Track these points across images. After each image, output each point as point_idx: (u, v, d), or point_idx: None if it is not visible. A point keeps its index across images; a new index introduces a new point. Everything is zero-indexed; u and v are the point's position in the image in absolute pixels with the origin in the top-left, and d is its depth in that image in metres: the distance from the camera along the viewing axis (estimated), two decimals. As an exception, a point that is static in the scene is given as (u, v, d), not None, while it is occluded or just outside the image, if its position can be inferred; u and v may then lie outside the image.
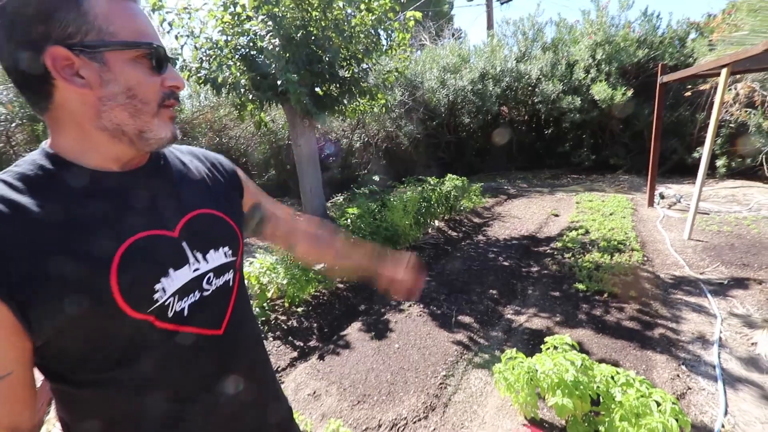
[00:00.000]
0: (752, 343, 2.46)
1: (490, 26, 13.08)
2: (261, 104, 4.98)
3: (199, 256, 0.66)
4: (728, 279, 3.37)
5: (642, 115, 8.39)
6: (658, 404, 1.58)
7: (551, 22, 10.33)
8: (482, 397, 2.15)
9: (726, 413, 1.92)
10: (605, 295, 3.18)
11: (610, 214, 5.51)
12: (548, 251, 4.42)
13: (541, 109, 9.56)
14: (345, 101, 5.18)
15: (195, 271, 0.65)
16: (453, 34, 13.62)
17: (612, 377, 1.71)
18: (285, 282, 3.15)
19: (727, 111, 7.54)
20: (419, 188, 5.68)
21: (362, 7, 4.52)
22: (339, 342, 2.79)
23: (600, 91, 8.26)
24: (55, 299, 0.51)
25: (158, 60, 0.59)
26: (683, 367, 2.27)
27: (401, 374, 2.37)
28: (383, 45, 5.07)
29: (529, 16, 10.06)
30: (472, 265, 4.13)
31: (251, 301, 2.65)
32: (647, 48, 8.59)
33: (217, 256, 0.69)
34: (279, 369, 2.53)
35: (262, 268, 3.21)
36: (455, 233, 5.41)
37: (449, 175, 6.24)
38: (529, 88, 9.69)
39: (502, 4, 13.34)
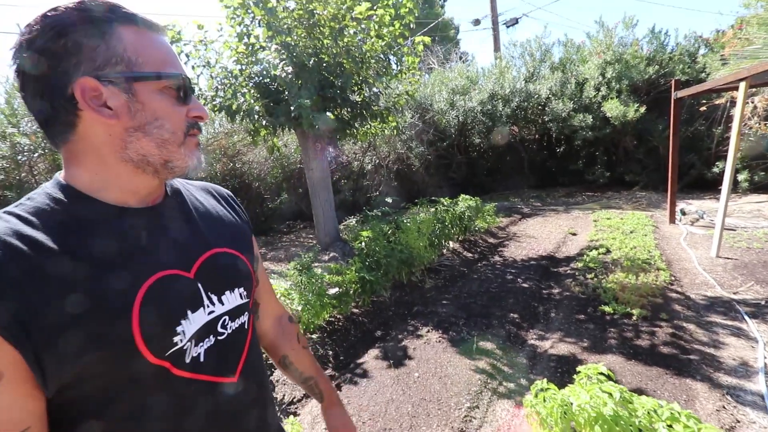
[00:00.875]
0: (801, 370, 2.28)
1: (497, 48, 13.28)
2: (274, 129, 5.05)
3: (214, 298, 0.63)
4: (766, 299, 3.18)
5: (656, 131, 8.29)
6: (710, 442, 1.44)
7: (558, 42, 10.45)
8: (510, 431, 2.01)
9: (783, 450, 1.75)
10: (634, 317, 3.02)
11: (631, 232, 5.35)
12: (569, 272, 4.27)
13: (552, 128, 9.53)
14: (357, 125, 5.23)
15: (210, 314, 0.61)
16: (460, 57, 13.87)
17: (655, 411, 1.58)
18: (300, 308, 3.08)
19: (745, 124, 7.39)
20: (432, 209, 5.62)
21: (372, 33, 4.61)
22: (356, 371, 2.68)
23: (612, 108, 8.21)
24: (72, 343, 0.47)
25: (185, 91, 0.59)
26: (728, 397, 2.10)
27: (423, 406, 2.25)
28: (393, 69, 5.15)
29: (536, 38, 10.20)
30: (490, 288, 4.01)
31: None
32: (657, 65, 8.58)
33: (233, 298, 0.65)
34: (294, 400, 2.43)
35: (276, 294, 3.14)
36: (471, 254, 5.30)
37: (462, 195, 6.18)
38: (539, 107, 9.71)
39: (508, 27, 13.58)
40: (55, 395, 0.49)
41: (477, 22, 13.86)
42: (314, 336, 3.10)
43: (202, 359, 0.58)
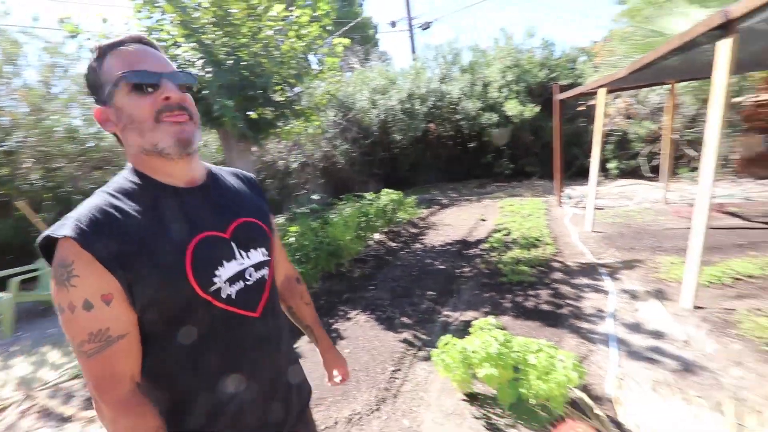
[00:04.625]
0: (635, 310, 3.03)
1: (413, 50, 14.02)
2: (193, 129, 4.92)
3: (243, 253, 0.83)
4: (619, 261, 4.05)
5: (548, 128, 9.56)
6: (562, 362, 1.95)
7: (468, 48, 11.43)
8: (427, 384, 2.40)
9: (619, 366, 2.37)
10: (525, 284, 3.65)
11: (528, 216, 6.22)
12: (478, 252, 4.89)
13: (464, 125, 10.44)
14: (280, 124, 5.32)
15: (240, 265, 0.82)
16: (380, 57, 14.37)
17: (527, 346, 2.06)
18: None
19: (613, 122, 8.90)
20: (358, 204, 5.94)
21: (291, 34, 4.74)
22: (291, 355, 2.89)
23: (512, 107, 9.29)
24: (150, 279, 0.68)
25: (146, 83, 0.72)
26: (586, 335, 2.74)
27: (353, 375, 2.55)
28: (314, 69, 5.33)
29: (449, 42, 11.04)
30: (411, 272, 4.44)
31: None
32: (547, 69, 9.87)
33: (257, 255, 0.87)
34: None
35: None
36: (395, 243, 5.73)
37: (385, 189, 6.59)
38: (452, 106, 10.56)
39: (423, 30, 14.40)
40: (141, 314, 0.69)
41: (393, 24, 14.46)
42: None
43: (234, 297, 0.79)
